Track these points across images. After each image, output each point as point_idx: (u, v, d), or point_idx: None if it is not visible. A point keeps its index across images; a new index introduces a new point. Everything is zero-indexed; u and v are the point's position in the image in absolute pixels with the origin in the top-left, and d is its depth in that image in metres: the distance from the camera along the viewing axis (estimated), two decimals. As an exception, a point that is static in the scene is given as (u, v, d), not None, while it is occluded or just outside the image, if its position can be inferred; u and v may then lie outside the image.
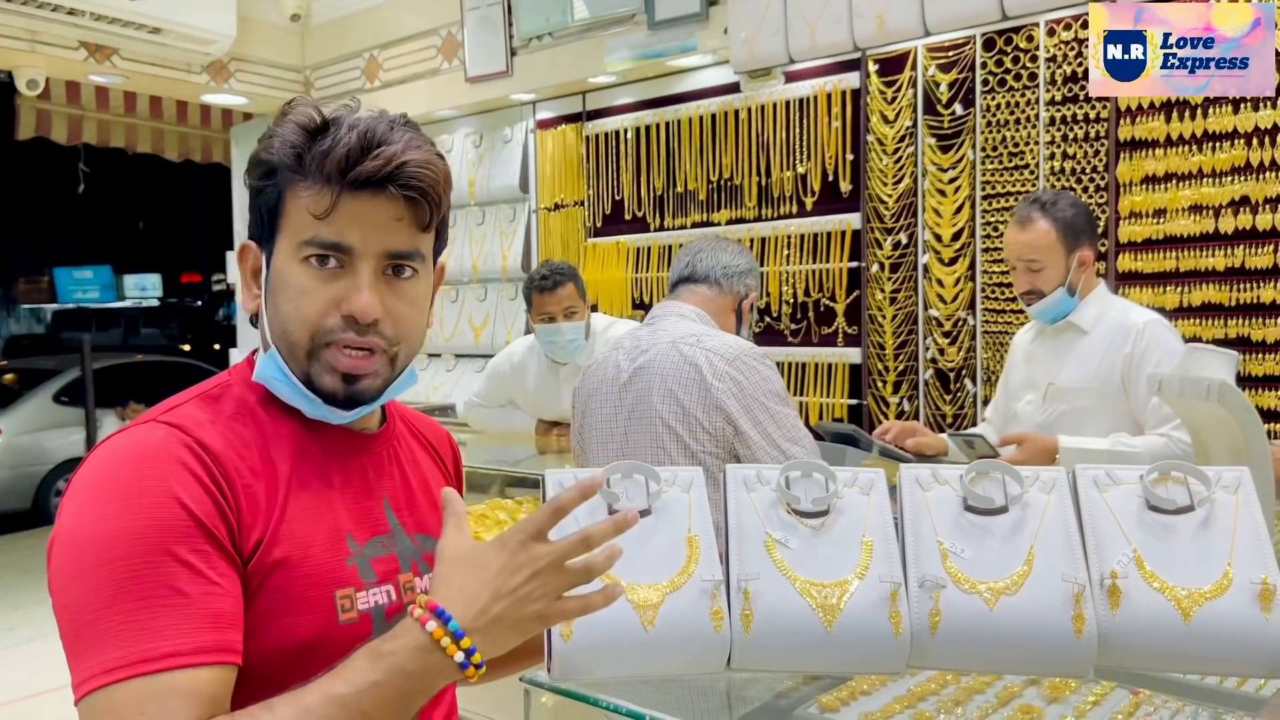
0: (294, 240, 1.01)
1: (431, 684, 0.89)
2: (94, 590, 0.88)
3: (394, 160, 0.99)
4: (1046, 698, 1.52)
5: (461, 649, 0.88)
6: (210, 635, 0.89)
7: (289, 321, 1.02)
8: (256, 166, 1.04)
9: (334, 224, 0.99)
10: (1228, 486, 1.15)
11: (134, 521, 0.89)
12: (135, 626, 0.86)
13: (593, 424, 2.18)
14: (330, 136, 1.00)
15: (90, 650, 0.86)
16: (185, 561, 0.90)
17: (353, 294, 1.00)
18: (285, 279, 1.02)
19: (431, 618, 0.88)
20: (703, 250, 2.23)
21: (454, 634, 0.88)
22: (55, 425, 8.05)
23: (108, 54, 5.41)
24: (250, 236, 1.08)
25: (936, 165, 3.92)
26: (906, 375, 4.07)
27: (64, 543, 0.92)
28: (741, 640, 1.09)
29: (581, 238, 5.15)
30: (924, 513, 1.15)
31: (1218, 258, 3.29)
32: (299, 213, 1.01)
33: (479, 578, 0.91)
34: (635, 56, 4.62)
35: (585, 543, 0.91)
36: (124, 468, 0.93)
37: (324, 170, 0.99)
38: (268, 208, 1.03)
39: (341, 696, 0.86)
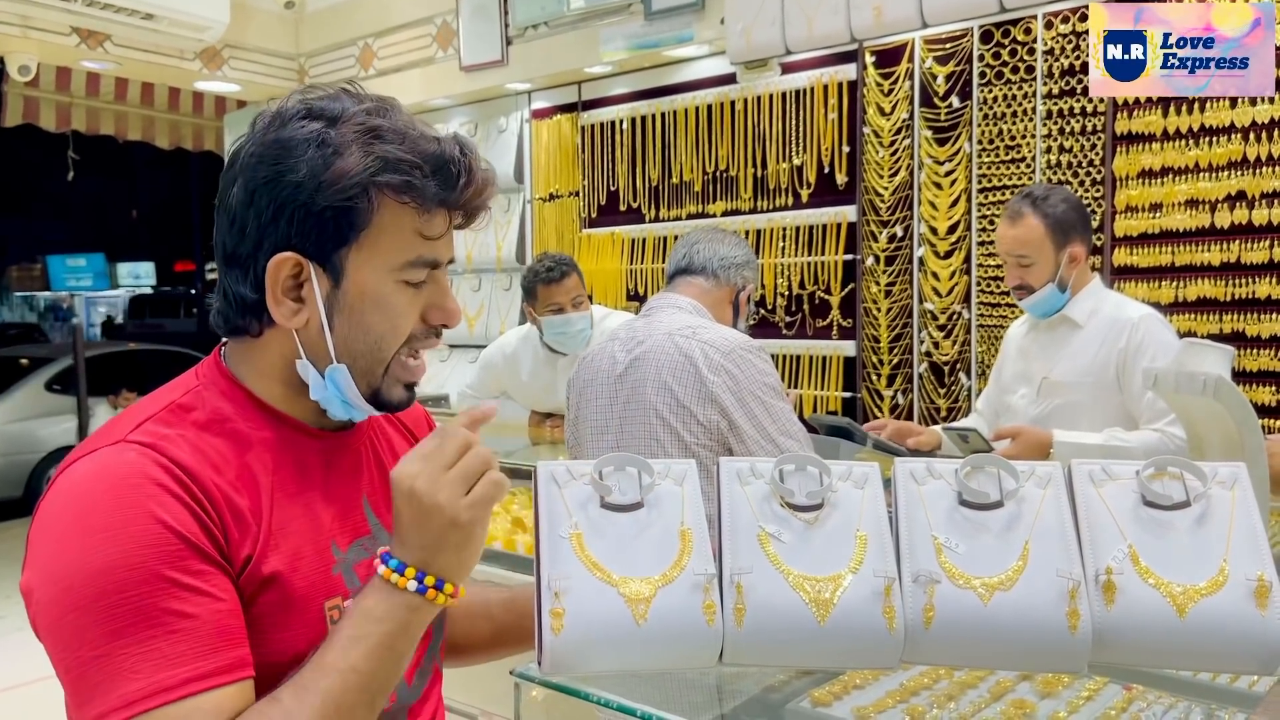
0: (394, 259, 1.00)
1: (406, 621, 0.93)
2: (94, 626, 0.85)
3: (490, 189, 1.05)
4: (1040, 693, 1.51)
5: (411, 579, 0.93)
6: (225, 654, 0.88)
7: (384, 338, 1.02)
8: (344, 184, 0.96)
9: (441, 244, 1.03)
10: (1224, 482, 1.14)
11: (122, 550, 0.86)
12: (149, 656, 0.84)
13: (587, 415, 2.17)
14: (448, 158, 0.99)
15: (103, 687, 0.84)
16: (182, 583, 0.88)
17: (446, 302, 1.05)
18: (380, 298, 1.00)
19: (380, 563, 0.94)
20: (700, 241, 2.22)
21: (397, 569, 0.93)
22: (47, 413, 8.03)
23: (100, 40, 5.37)
24: (288, 247, 0.98)
25: (933, 158, 3.91)
26: (901, 368, 4.06)
27: (48, 582, 0.88)
28: (734, 634, 1.08)
29: (576, 229, 5.13)
30: (918, 507, 1.14)
31: (1214, 252, 3.29)
32: (402, 232, 0.99)
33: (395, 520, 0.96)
34: (631, 47, 4.60)
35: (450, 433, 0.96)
36: (101, 495, 0.89)
37: (448, 199, 1.00)
38: (349, 222, 0.98)
39: (331, 663, 0.90)
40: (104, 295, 24.91)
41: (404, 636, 0.93)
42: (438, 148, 1.00)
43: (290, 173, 0.96)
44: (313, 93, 1.02)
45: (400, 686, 1.09)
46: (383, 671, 0.92)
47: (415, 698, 1.12)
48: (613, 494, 1.12)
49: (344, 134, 0.97)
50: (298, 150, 0.97)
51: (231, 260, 1.02)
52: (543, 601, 1.07)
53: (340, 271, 1.00)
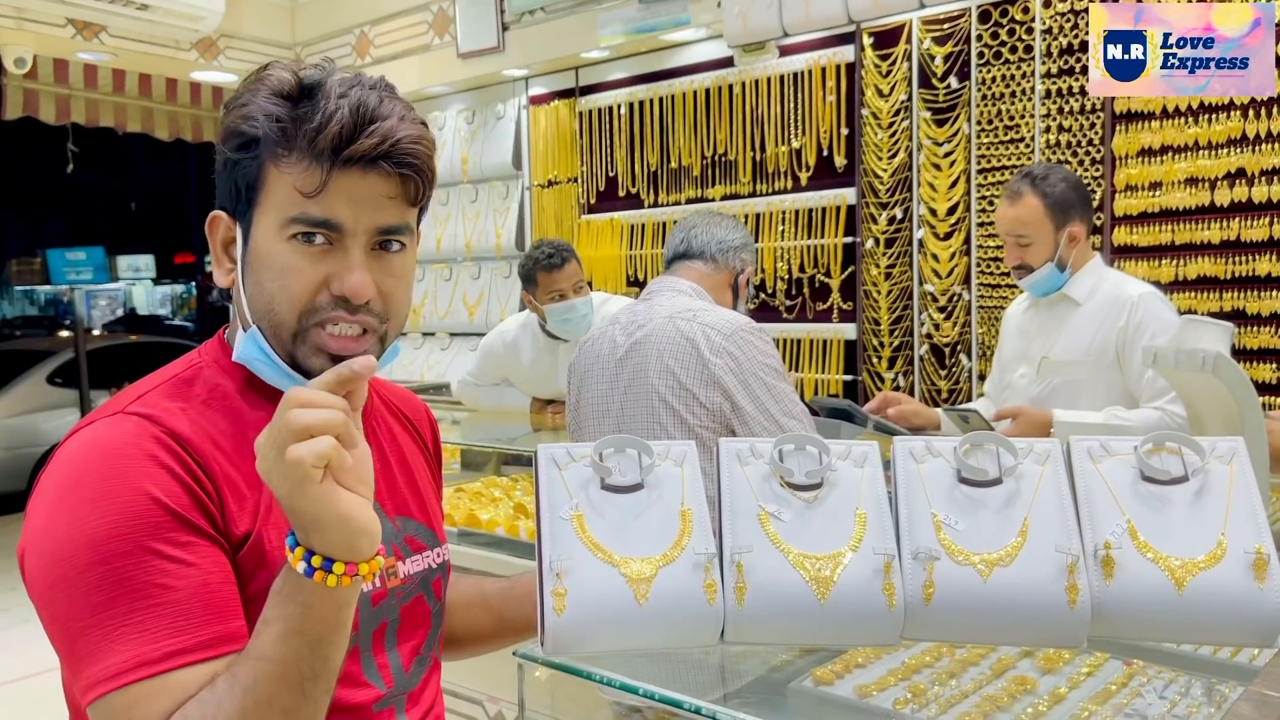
0: (279, 217, 0.96)
1: (309, 604, 0.85)
2: (82, 597, 0.86)
3: (389, 138, 0.95)
4: (1041, 669, 1.52)
5: (300, 559, 0.84)
6: (209, 629, 0.88)
7: (275, 300, 0.97)
8: (233, 137, 0.98)
9: (323, 201, 0.95)
10: (1222, 457, 1.15)
11: (110, 522, 0.87)
12: (131, 630, 0.85)
13: (589, 399, 2.18)
14: (318, 109, 0.94)
15: (89, 658, 0.85)
16: (168, 555, 0.88)
17: (344, 273, 0.96)
18: (269, 256, 0.97)
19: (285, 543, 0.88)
20: (698, 226, 2.22)
21: (290, 546, 0.85)
22: (49, 407, 8.05)
23: (95, 31, 5.36)
24: (220, 206, 1.02)
25: (932, 139, 3.90)
26: (901, 350, 4.07)
27: (40, 550, 0.89)
28: (735, 613, 1.09)
29: (575, 215, 5.13)
30: (917, 485, 1.15)
31: (1213, 230, 3.29)
32: (284, 189, 0.96)
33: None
34: (628, 31, 4.58)
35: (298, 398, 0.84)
36: (93, 466, 0.90)
37: (315, 147, 0.94)
38: (246, 180, 0.98)
39: (249, 650, 0.86)
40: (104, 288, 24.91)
41: (313, 620, 0.85)
42: (309, 99, 0.96)
43: (221, 137, 1.01)
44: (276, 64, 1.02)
45: (397, 674, 1.10)
46: (300, 659, 0.85)
47: (413, 685, 1.13)
48: (613, 475, 1.13)
49: (253, 91, 0.99)
50: (227, 116, 1.01)
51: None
52: (544, 582, 1.07)
53: (248, 231, 0.99)
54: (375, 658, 1.07)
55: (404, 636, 1.12)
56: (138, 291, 26.06)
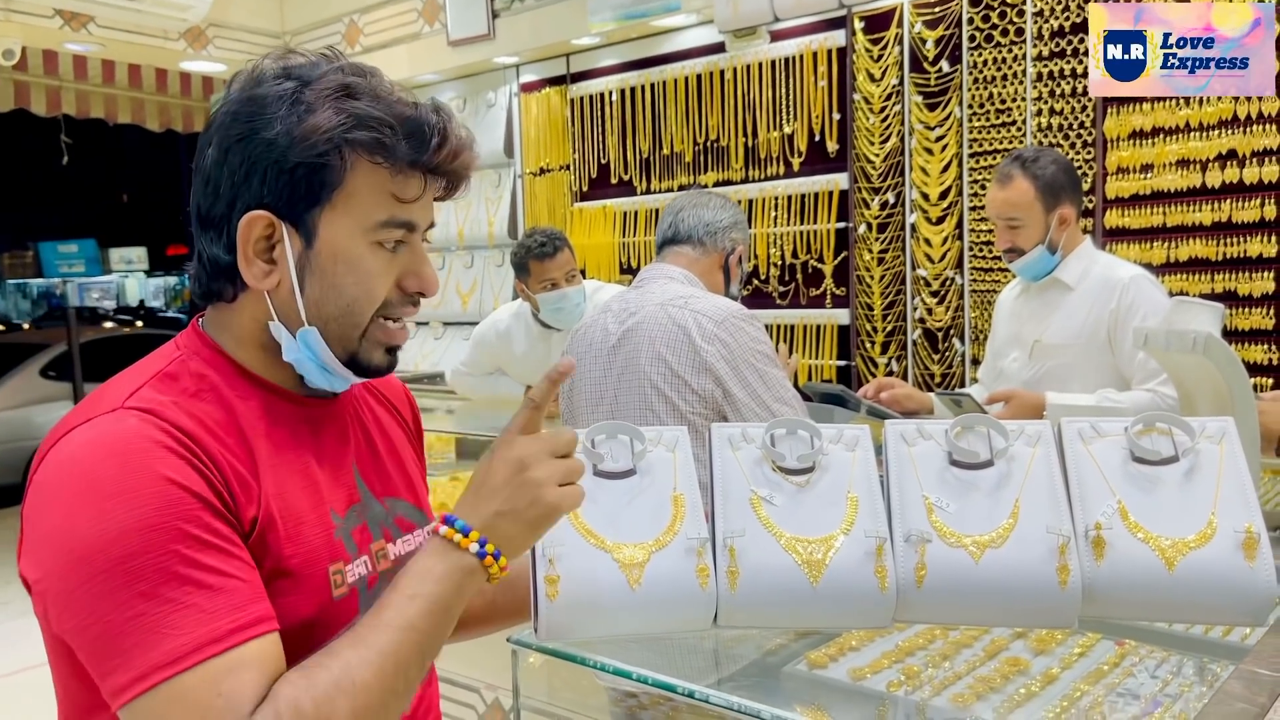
0: (366, 220, 0.98)
1: (459, 583, 0.93)
2: (120, 590, 0.84)
3: (466, 153, 1.04)
4: (1034, 650, 1.53)
5: (474, 541, 0.93)
6: (257, 606, 0.88)
7: (357, 301, 1.01)
8: (315, 141, 0.95)
9: (415, 205, 1.01)
10: (1212, 437, 1.15)
11: (138, 514, 0.85)
12: (189, 612, 0.84)
13: (582, 387, 2.18)
14: (424, 122, 0.99)
15: (141, 647, 0.83)
16: (205, 542, 0.87)
17: (420, 268, 1.04)
18: (353, 260, 0.99)
19: (442, 524, 0.94)
20: (685, 209, 2.21)
21: (462, 530, 0.93)
22: (43, 400, 8.02)
23: (83, 21, 5.33)
24: (260, 205, 0.97)
25: (923, 123, 3.90)
26: (895, 335, 4.07)
27: (58, 556, 0.86)
28: (728, 597, 1.10)
29: (568, 203, 5.12)
30: (909, 467, 1.15)
31: (1205, 212, 3.29)
32: (375, 193, 0.98)
33: (477, 484, 0.97)
34: (619, 17, 4.57)
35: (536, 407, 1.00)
36: (105, 463, 0.88)
37: (422, 160, 0.99)
38: (321, 182, 0.97)
39: (390, 620, 0.90)
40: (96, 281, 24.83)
41: (458, 599, 0.94)
42: (413, 111, 1.00)
43: (264, 129, 0.96)
44: (291, 57, 1.01)
45: None
46: (436, 631, 0.93)
47: None
48: (605, 461, 1.13)
49: (318, 91, 0.97)
50: (271, 108, 0.96)
51: (206, 222, 1.01)
52: (538, 569, 1.08)
53: (313, 232, 0.98)
54: None
55: None
56: (130, 284, 25.98)
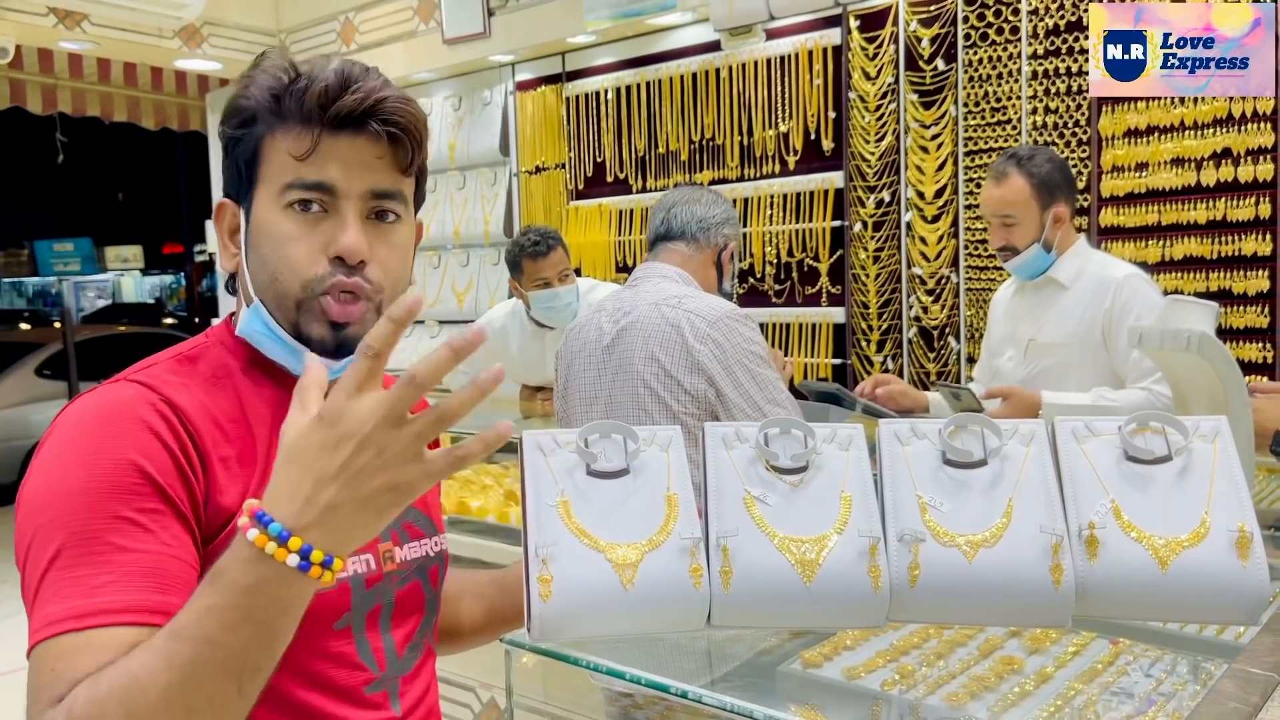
0: (275, 186, 1.00)
1: (277, 595, 0.77)
2: (45, 546, 0.87)
3: (372, 95, 0.99)
4: (1028, 649, 1.53)
5: (293, 551, 0.76)
6: (145, 596, 0.86)
7: (277, 270, 1.00)
8: (233, 115, 1.03)
9: (316, 164, 0.99)
10: (1205, 436, 1.15)
11: (87, 479, 0.89)
12: (74, 583, 0.85)
13: (576, 386, 2.17)
14: (306, 77, 1.00)
15: (36, 605, 0.86)
16: (132, 520, 0.88)
17: (339, 234, 0.99)
18: (268, 228, 1.01)
19: (252, 524, 0.77)
20: (676, 205, 2.21)
21: (278, 537, 0.76)
22: (39, 399, 8.00)
23: (77, 20, 5.31)
24: (226, 194, 1.06)
25: (919, 122, 3.90)
26: (890, 334, 4.07)
27: (25, 500, 0.92)
28: (721, 597, 1.09)
29: (564, 201, 5.11)
30: (902, 467, 1.15)
31: (1199, 211, 3.29)
32: (279, 157, 1.00)
33: (300, 465, 0.77)
34: (614, 15, 4.56)
35: (412, 382, 0.74)
36: (87, 427, 0.93)
37: (303, 109, 0.98)
38: (245, 158, 1.02)
39: (182, 629, 0.78)
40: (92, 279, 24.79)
41: (277, 613, 0.79)
42: (295, 68, 1.02)
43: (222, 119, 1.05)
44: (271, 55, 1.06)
45: (390, 657, 1.10)
46: (249, 649, 0.78)
47: (406, 670, 1.13)
48: (598, 461, 1.13)
49: (253, 75, 1.03)
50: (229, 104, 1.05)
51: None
52: (531, 569, 1.07)
53: (250, 210, 1.03)
54: (369, 640, 1.08)
55: (398, 621, 1.12)
56: (126, 282, 25.95)
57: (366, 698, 1.06)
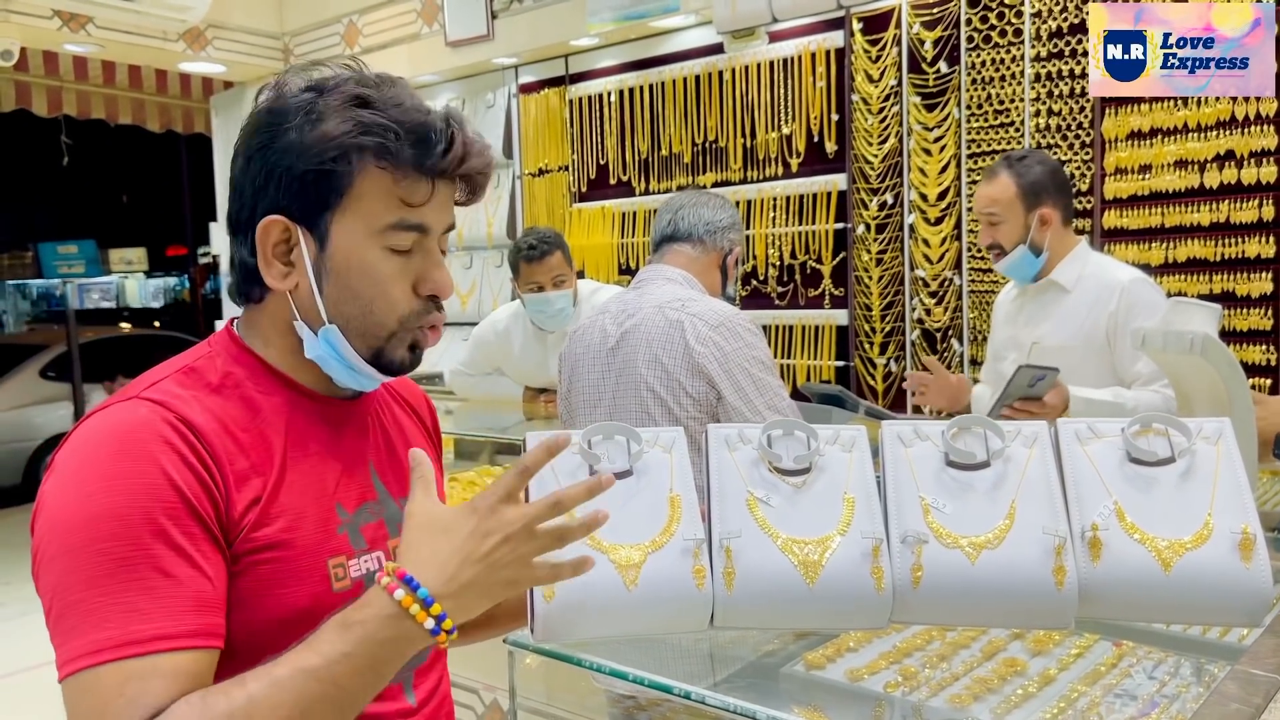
0: (375, 224, 1.01)
1: (402, 651, 0.88)
2: (79, 570, 0.87)
3: (484, 156, 1.05)
4: (1031, 651, 1.53)
5: (431, 615, 0.87)
6: (196, 619, 0.89)
7: (374, 305, 1.03)
8: (321, 147, 0.99)
9: (425, 209, 1.02)
10: (1208, 438, 1.15)
11: (118, 501, 0.88)
12: (121, 608, 0.86)
13: (580, 388, 2.18)
14: (433, 129, 1.01)
15: (77, 630, 0.86)
16: (172, 543, 0.89)
17: (434, 273, 1.05)
18: (363, 263, 1.02)
19: (400, 585, 0.87)
20: (684, 207, 2.21)
21: (424, 601, 0.87)
22: (43, 400, 8.02)
23: (82, 22, 5.33)
24: (277, 211, 1.01)
25: (922, 124, 3.90)
26: (893, 336, 4.07)
27: (47, 523, 0.91)
28: (724, 598, 1.09)
29: (567, 203, 5.12)
30: (905, 469, 1.15)
31: (1203, 213, 3.29)
32: (384, 197, 1.01)
33: (449, 543, 0.89)
34: (617, 18, 4.57)
35: (557, 506, 0.90)
36: (106, 446, 0.92)
37: (431, 165, 1.01)
38: (332, 187, 1.00)
39: (313, 669, 0.85)
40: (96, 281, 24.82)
41: (396, 662, 0.89)
42: (423, 117, 1.02)
43: (280, 138, 1.00)
44: (316, 69, 1.05)
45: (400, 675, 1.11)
46: (363, 692, 0.89)
47: (421, 662, 1.14)
48: (601, 462, 1.13)
49: (330, 101, 1.01)
50: (289, 118, 1.01)
51: (235, 228, 1.06)
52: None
53: (326, 235, 1.02)
54: None
55: None
56: (130, 285, 25.98)
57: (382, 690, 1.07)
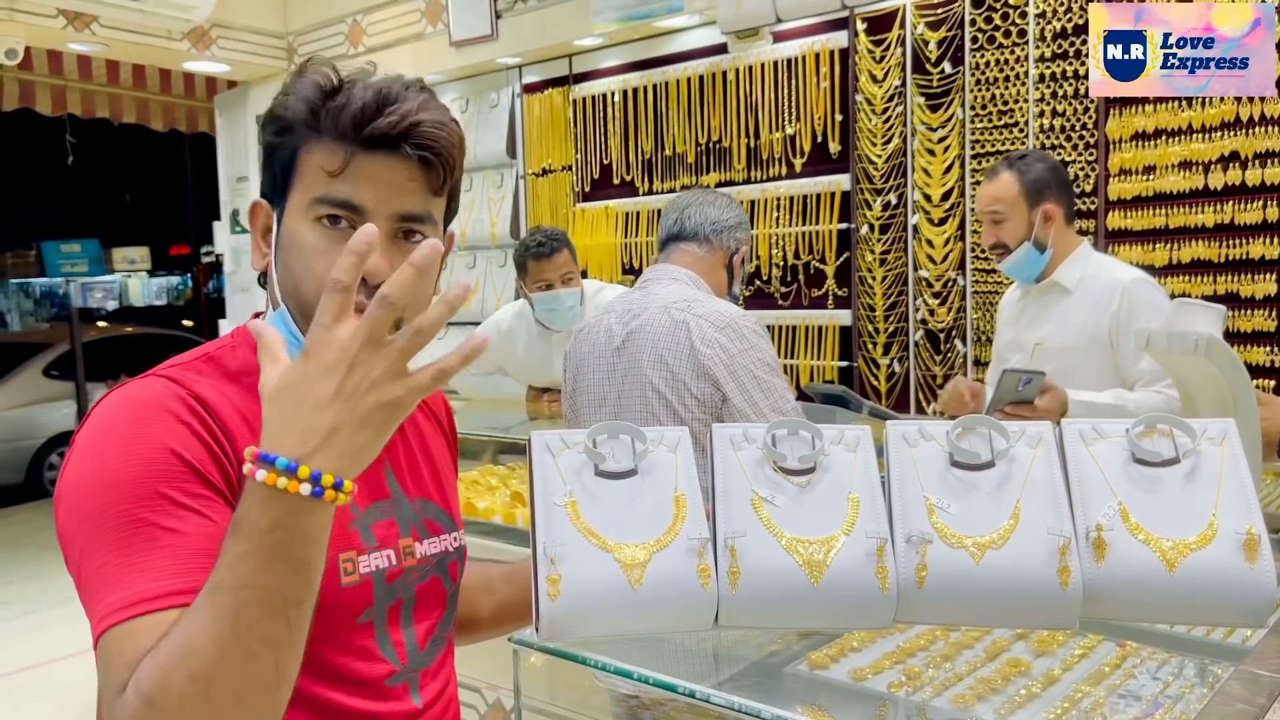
0: (306, 198, 1.01)
1: (299, 528, 0.80)
2: (96, 535, 0.89)
3: (408, 118, 0.99)
4: (1035, 651, 1.53)
5: (303, 480, 0.79)
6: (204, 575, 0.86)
7: (300, 280, 1.02)
8: (271, 123, 1.04)
9: (346, 182, 0.99)
10: (1213, 438, 1.15)
11: (129, 467, 0.90)
12: (137, 568, 0.87)
13: (585, 388, 2.18)
14: (345, 94, 1.00)
15: (96, 596, 0.87)
16: (177, 500, 0.90)
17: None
18: (296, 237, 1.02)
19: (258, 467, 0.80)
20: (691, 206, 2.21)
21: (287, 469, 0.79)
22: (46, 399, 8.04)
23: (87, 21, 5.34)
24: (262, 194, 1.08)
25: (926, 125, 3.90)
26: (897, 336, 4.07)
27: (66, 493, 0.93)
28: (729, 597, 1.09)
29: (570, 203, 5.12)
30: (910, 468, 1.15)
31: (1207, 214, 3.29)
32: (312, 170, 1.01)
33: (294, 398, 0.81)
34: (621, 18, 4.57)
35: (384, 301, 0.79)
36: (120, 418, 0.95)
37: (338, 127, 0.99)
38: (281, 165, 1.03)
39: (219, 582, 0.81)
40: (99, 280, 24.86)
41: (302, 541, 0.81)
42: (335, 80, 1.02)
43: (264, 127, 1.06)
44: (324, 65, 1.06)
45: (412, 651, 1.11)
46: (286, 584, 0.81)
47: (428, 663, 1.14)
48: (606, 461, 1.13)
49: (296, 84, 1.04)
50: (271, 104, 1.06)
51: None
52: (539, 569, 1.08)
53: (283, 214, 1.04)
54: (390, 634, 1.09)
55: (419, 615, 1.13)
56: (133, 283, 26.03)
57: (387, 690, 1.08)
